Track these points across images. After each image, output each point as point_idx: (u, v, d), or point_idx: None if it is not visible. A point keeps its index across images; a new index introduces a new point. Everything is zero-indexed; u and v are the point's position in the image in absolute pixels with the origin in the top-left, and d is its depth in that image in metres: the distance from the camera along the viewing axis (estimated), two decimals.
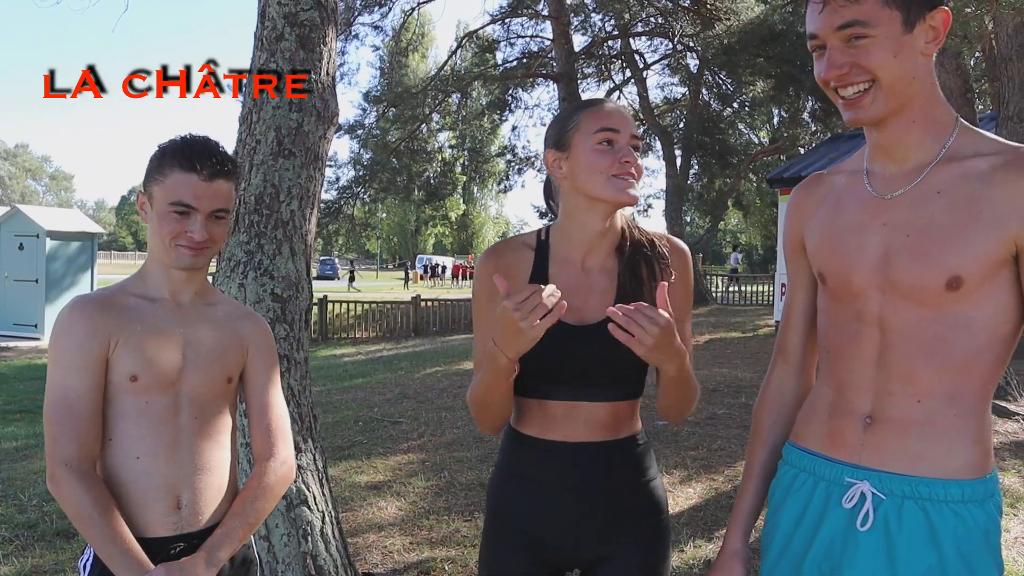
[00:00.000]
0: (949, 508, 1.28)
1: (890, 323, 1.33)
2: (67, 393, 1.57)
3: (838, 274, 1.39)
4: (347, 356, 13.83)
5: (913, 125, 1.33)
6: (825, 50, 1.30)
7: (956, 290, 1.26)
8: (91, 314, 1.60)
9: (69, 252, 15.66)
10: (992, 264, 1.25)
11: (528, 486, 1.68)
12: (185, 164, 1.59)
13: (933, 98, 1.34)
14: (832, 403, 1.42)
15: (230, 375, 1.73)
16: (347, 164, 20.88)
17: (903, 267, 1.30)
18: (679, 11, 18.40)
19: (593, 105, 1.65)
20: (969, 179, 1.28)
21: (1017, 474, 5.15)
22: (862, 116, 1.30)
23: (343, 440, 6.42)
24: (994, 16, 5.59)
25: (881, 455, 1.33)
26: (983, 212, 1.25)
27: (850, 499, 1.34)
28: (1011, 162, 1.26)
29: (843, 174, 1.48)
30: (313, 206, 3.31)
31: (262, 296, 3.10)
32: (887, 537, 1.31)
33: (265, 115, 3.19)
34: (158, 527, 1.61)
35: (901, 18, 1.26)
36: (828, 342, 1.45)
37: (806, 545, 1.41)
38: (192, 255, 1.63)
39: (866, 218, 1.37)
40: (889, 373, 1.33)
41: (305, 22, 3.25)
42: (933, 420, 1.30)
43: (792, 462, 1.48)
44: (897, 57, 1.26)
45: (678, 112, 24.22)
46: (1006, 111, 7.28)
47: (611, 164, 1.59)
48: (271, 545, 3.02)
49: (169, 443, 1.63)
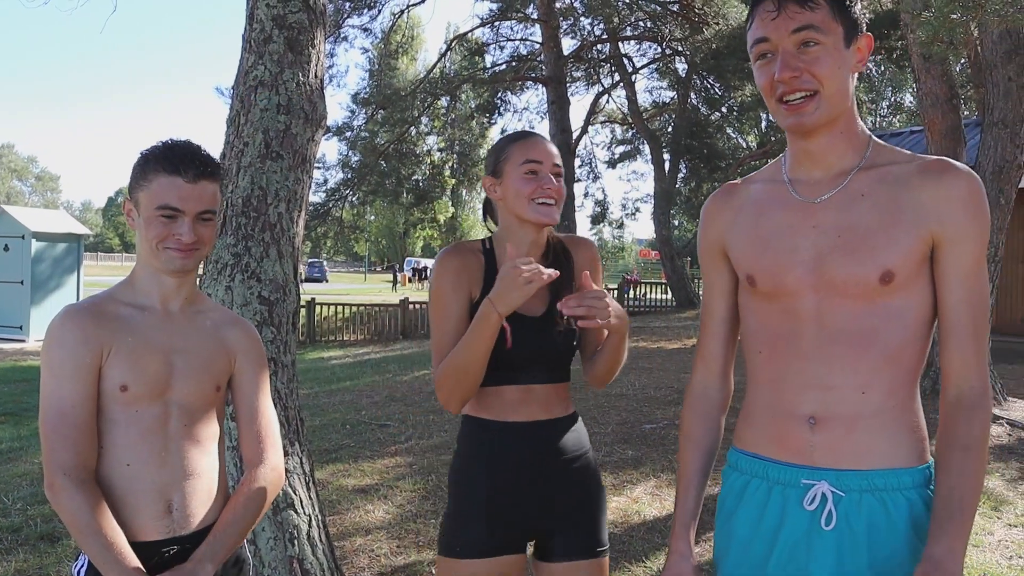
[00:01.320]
0: (902, 495, 1.38)
1: (827, 319, 1.40)
2: (62, 403, 1.57)
3: (770, 276, 1.45)
4: (335, 359, 13.80)
5: (840, 136, 1.43)
6: (772, 56, 1.38)
7: (889, 284, 1.36)
8: (83, 323, 1.60)
9: (55, 253, 15.57)
10: (917, 259, 1.37)
11: (488, 465, 1.90)
12: (169, 168, 1.60)
13: (854, 114, 1.45)
14: (771, 405, 1.48)
15: (218, 383, 1.75)
16: (336, 166, 20.85)
17: (837, 265, 1.39)
18: (668, 15, 18.47)
19: (522, 138, 1.94)
20: (888, 183, 1.40)
21: (1001, 477, 5.19)
22: (805, 121, 1.38)
23: (330, 443, 6.41)
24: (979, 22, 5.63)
25: (834, 455, 1.40)
26: (905, 212, 1.37)
27: (811, 501, 1.40)
28: (925, 168, 1.39)
29: (759, 183, 1.56)
30: (301, 209, 3.30)
31: (249, 299, 3.09)
32: (850, 531, 1.37)
33: (253, 117, 3.18)
34: (150, 531, 1.63)
35: (843, 33, 1.37)
36: (760, 343, 1.50)
37: (767, 549, 1.44)
38: (181, 257, 1.63)
39: (795, 222, 1.44)
40: (831, 368, 1.40)
41: (293, 24, 3.25)
42: (876, 413, 1.39)
43: (742, 468, 1.52)
44: (839, 69, 1.37)
45: (666, 116, 24.28)
46: (991, 117, 7.34)
47: (534, 190, 1.87)
48: (257, 548, 3.01)
49: (159, 450, 1.64)
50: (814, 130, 1.40)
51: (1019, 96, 7.20)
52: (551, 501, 1.90)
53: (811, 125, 1.39)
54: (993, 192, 7.32)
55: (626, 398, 7.82)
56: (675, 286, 22.59)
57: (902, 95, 29.89)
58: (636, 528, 4.37)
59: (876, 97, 29.11)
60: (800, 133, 1.42)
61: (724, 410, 1.65)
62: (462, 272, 1.90)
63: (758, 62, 1.41)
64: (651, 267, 53.71)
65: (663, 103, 24.39)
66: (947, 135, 7.61)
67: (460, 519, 1.91)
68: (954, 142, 7.64)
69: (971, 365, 1.38)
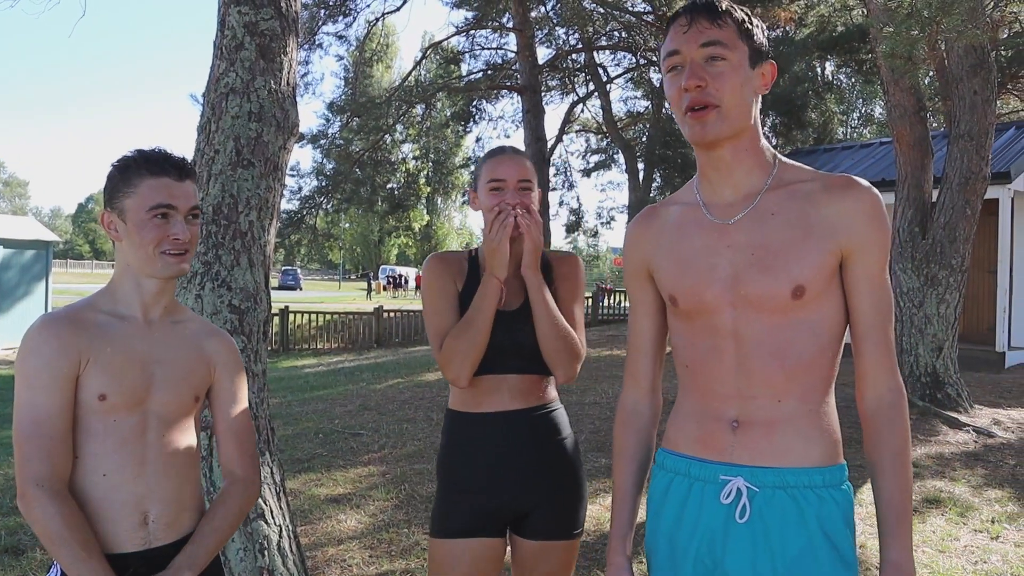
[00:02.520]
0: (813, 492, 1.45)
1: (744, 333, 1.47)
2: (37, 413, 1.56)
3: (691, 295, 1.52)
4: (308, 367, 13.70)
5: (745, 153, 1.50)
6: (682, 69, 1.46)
7: (800, 298, 1.43)
8: (60, 332, 1.59)
9: (23, 261, 15.34)
10: (827, 272, 1.44)
11: (468, 453, 2.07)
12: (155, 169, 1.63)
13: (758, 134, 1.52)
14: (698, 411, 1.55)
15: (197, 394, 1.75)
16: (310, 174, 20.71)
17: (752, 281, 1.46)
18: (642, 25, 18.62)
19: (491, 156, 2.10)
20: (797, 200, 1.48)
21: (967, 484, 5.26)
22: (708, 131, 1.44)
23: (303, 452, 6.36)
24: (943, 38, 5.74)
25: (751, 453, 1.48)
26: (814, 228, 1.45)
27: (727, 495, 1.48)
28: (830, 185, 1.47)
29: (677, 205, 1.62)
30: (272, 217, 3.29)
31: (219, 307, 3.06)
32: (763, 525, 1.45)
33: (224, 125, 3.17)
34: (126, 542, 1.62)
35: (748, 53, 1.46)
36: (686, 358, 1.57)
37: (688, 542, 1.52)
38: (177, 261, 1.66)
39: (711, 242, 1.52)
40: (750, 379, 1.47)
41: (265, 32, 3.24)
42: (791, 418, 1.46)
43: (667, 467, 1.59)
44: (742, 87, 1.45)
45: (641, 126, 24.43)
46: (957, 129, 7.47)
47: (494, 206, 2.03)
48: (227, 559, 2.98)
49: (136, 461, 1.63)
50: (716, 142, 1.47)
51: (984, 109, 7.33)
52: (528, 485, 2.05)
53: (713, 136, 1.45)
54: (960, 203, 7.44)
55: (599, 406, 7.84)
56: None
57: (872, 107, 30.34)
58: (607, 536, 4.38)
59: (847, 108, 29.51)
60: (704, 145, 1.48)
61: (655, 424, 1.72)
62: (446, 269, 2.11)
63: (668, 74, 1.49)
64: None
65: (637, 113, 24.53)
66: (915, 146, 7.74)
67: (443, 504, 2.09)
68: (922, 153, 7.77)
69: (885, 367, 1.46)
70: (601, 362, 11.38)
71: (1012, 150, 11.07)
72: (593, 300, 21.74)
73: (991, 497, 4.97)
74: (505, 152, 2.12)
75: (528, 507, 2.06)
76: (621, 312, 22.32)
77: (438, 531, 2.07)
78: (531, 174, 2.09)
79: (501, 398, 2.06)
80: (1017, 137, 11.70)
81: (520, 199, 2.04)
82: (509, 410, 2.06)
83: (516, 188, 2.05)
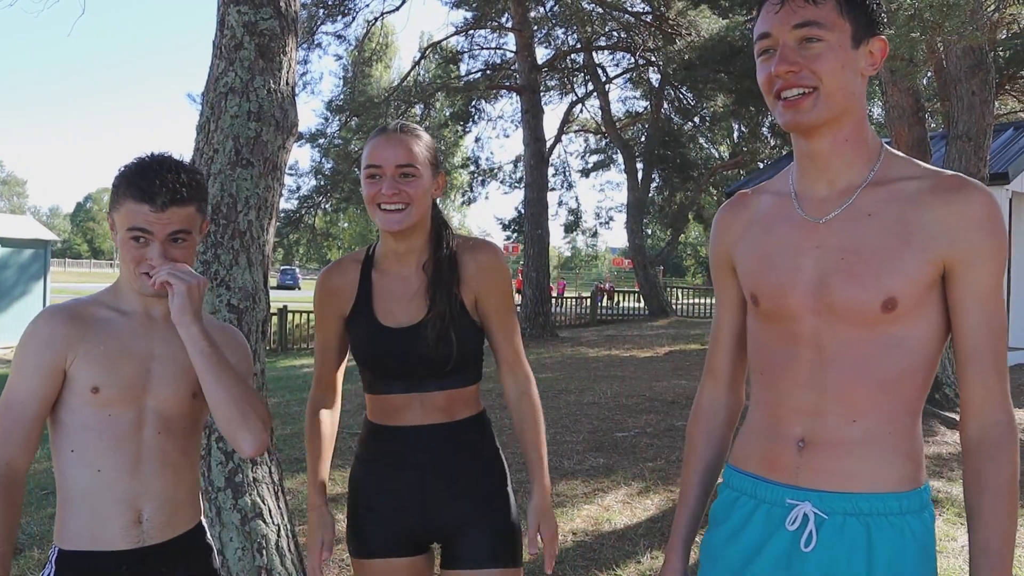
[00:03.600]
0: (887, 520, 1.31)
1: (825, 344, 1.34)
2: (11, 396, 1.58)
3: (772, 296, 1.40)
4: (307, 367, 13.69)
5: (845, 144, 1.35)
6: (773, 52, 1.32)
7: (891, 311, 1.29)
8: (53, 323, 1.60)
9: (21, 260, 15.33)
10: (924, 285, 1.29)
11: (377, 467, 1.91)
12: (136, 195, 1.57)
13: (863, 120, 1.37)
14: (766, 427, 1.43)
15: (195, 390, 1.71)
16: (308, 173, 20.73)
17: (839, 289, 1.32)
18: (641, 26, 18.64)
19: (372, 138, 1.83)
20: (898, 201, 1.32)
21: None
22: (802, 119, 1.31)
23: (301, 452, 6.35)
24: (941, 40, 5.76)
25: (819, 476, 1.35)
26: (913, 235, 1.29)
27: (793, 521, 1.36)
28: (937, 186, 1.30)
29: (769, 194, 1.49)
30: (271, 216, 3.29)
31: (218, 307, 3.07)
32: (830, 555, 1.32)
33: (223, 124, 3.17)
34: (118, 540, 1.61)
35: (851, 32, 1.30)
36: (760, 364, 1.45)
37: (743, 566, 1.42)
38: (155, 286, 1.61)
39: (799, 241, 1.38)
40: (823, 394, 1.34)
41: (265, 31, 3.24)
42: (868, 440, 1.33)
43: (733, 485, 1.49)
44: (843, 68, 1.29)
45: (640, 126, 24.46)
46: (955, 130, 7.48)
47: (375, 195, 1.78)
48: (225, 559, 2.98)
49: (132, 459, 1.62)
50: (812, 130, 1.33)
51: (982, 110, 7.35)
52: (448, 504, 1.86)
53: (808, 123, 1.32)
54: None
55: (598, 406, 7.84)
56: (648, 295, 22.72)
57: (871, 107, 30.34)
58: (606, 536, 4.38)
59: None
60: (799, 132, 1.36)
61: (732, 425, 1.61)
62: (332, 297, 1.93)
63: (760, 58, 1.35)
64: (624, 276, 54.01)
65: (636, 113, 24.58)
66: (913, 147, 7.74)
67: (354, 521, 1.94)
68: (920, 154, 7.77)
69: (994, 395, 1.29)
70: (599, 362, 11.39)
71: (1010, 151, 11.09)
72: (592, 300, 21.76)
73: None
74: (385, 132, 1.82)
75: (451, 530, 1.88)
76: (620, 312, 22.34)
77: (352, 551, 1.95)
78: (416, 156, 1.79)
79: (414, 414, 1.86)
80: (1015, 138, 11.72)
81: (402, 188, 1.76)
82: (428, 424, 1.86)
83: (395, 175, 1.77)
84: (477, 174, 24.34)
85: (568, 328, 19.69)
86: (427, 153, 1.83)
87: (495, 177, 24.36)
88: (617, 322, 20.87)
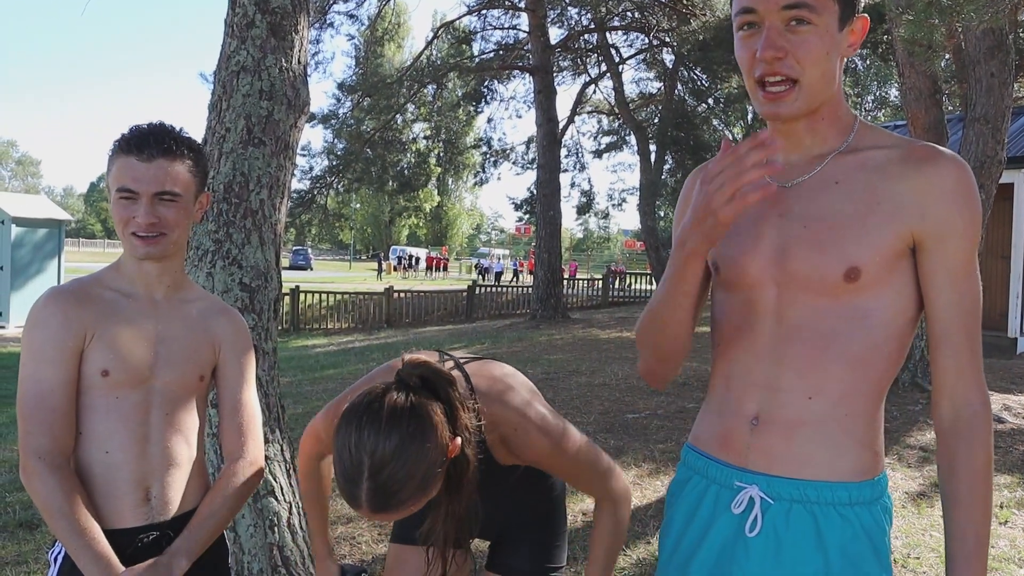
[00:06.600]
0: (836, 511, 1.26)
1: (786, 315, 1.30)
2: (41, 386, 1.56)
3: (733, 265, 1.36)
4: (319, 347, 13.76)
5: (821, 122, 1.32)
6: (757, 29, 1.26)
7: (854, 281, 1.24)
8: (66, 306, 1.59)
9: (36, 239, 15.41)
10: (890, 256, 1.24)
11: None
12: (125, 148, 1.59)
13: (839, 97, 1.33)
14: (723, 402, 1.39)
15: (202, 373, 1.73)
16: (321, 154, 20.72)
17: (800, 258, 1.28)
18: (655, 6, 18.46)
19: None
20: (866, 170, 1.28)
21: None
22: (783, 111, 1.27)
23: None
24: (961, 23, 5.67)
25: (768, 458, 1.30)
26: (880, 203, 1.25)
27: (739, 504, 1.32)
28: (908, 155, 1.26)
29: None
30: (283, 195, 3.29)
31: (230, 285, 3.07)
32: (776, 542, 1.28)
33: (235, 103, 3.16)
34: (128, 518, 1.62)
35: (838, 14, 1.25)
36: (719, 336, 1.41)
37: (693, 548, 1.39)
38: (144, 245, 1.61)
39: (763, 207, 1.33)
40: (781, 367, 1.30)
41: (276, 9, 3.22)
42: (822, 420, 1.28)
43: (688, 463, 1.46)
44: (828, 55, 1.25)
45: (653, 107, 24.28)
46: (973, 112, 7.39)
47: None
48: (237, 536, 3.01)
49: (139, 439, 1.63)
50: (794, 120, 1.31)
51: (1000, 92, 7.25)
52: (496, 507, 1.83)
53: (787, 116, 1.28)
54: None
55: (609, 388, 7.85)
56: (660, 276, 22.57)
57: (887, 89, 30.04)
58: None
59: (862, 91, 29.24)
60: (778, 122, 1.32)
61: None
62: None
63: (740, 32, 1.29)
64: (636, 257, 53.86)
65: (650, 94, 24.38)
66: (930, 130, 7.66)
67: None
68: (937, 137, 7.69)
69: (967, 376, 1.24)
70: (611, 344, 11.39)
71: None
72: (604, 282, 21.72)
73: (1000, 483, 4.95)
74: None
75: (499, 532, 1.91)
76: (631, 295, 22.29)
77: (392, 536, 1.99)
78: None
79: None
80: None
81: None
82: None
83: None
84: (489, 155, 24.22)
85: (580, 310, 19.69)
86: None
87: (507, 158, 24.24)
88: (629, 304, 20.85)
